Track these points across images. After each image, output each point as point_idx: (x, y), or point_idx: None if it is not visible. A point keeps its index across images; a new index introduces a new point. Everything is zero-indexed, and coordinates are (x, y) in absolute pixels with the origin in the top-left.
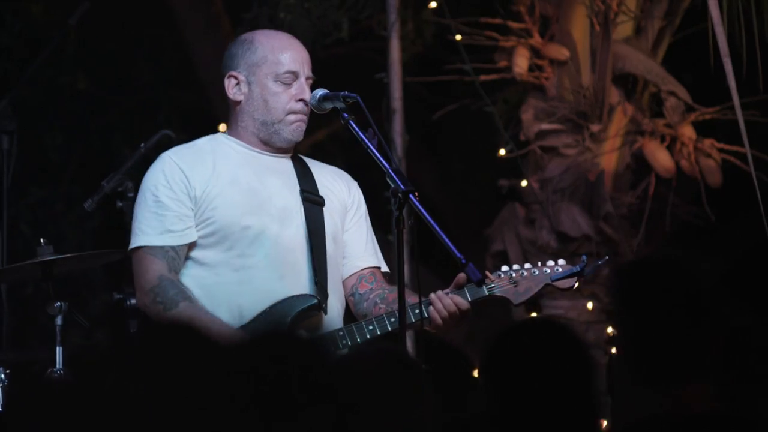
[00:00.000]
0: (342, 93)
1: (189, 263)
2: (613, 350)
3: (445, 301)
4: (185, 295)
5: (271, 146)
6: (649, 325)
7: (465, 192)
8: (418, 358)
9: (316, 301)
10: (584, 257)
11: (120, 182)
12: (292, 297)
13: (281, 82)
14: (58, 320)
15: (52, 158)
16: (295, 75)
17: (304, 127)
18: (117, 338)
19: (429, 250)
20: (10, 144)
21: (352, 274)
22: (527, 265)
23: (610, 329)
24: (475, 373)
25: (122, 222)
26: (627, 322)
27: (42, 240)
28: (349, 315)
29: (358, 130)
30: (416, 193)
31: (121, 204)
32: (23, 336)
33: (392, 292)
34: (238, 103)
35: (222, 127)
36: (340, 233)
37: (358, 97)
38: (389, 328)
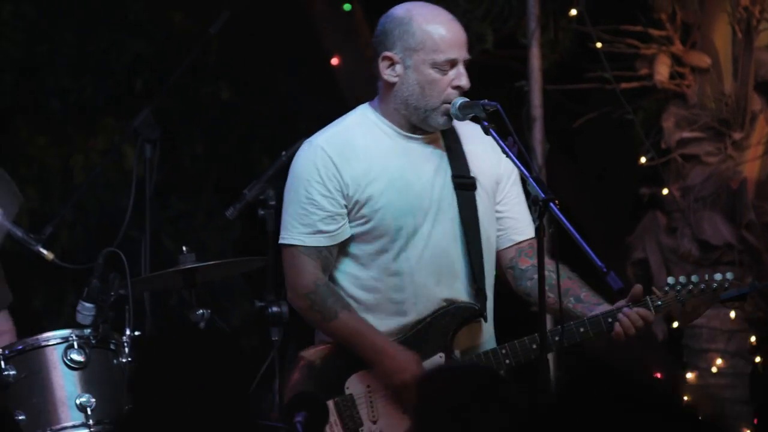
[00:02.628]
0: (482, 101)
1: (345, 260)
2: (757, 359)
3: (632, 316)
4: (343, 303)
5: (420, 130)
6: None
7: (604, 200)
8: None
9: (477, 309)
10: (756, 282)
11: (261, 190)
12: (454, 307)
13: (439, 69)
14: (201, 327)
15: (191, 168)
16: (453, 62)
17: None
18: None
19: (569, 259)
20: (153, 153)
21: (509, 247)
22: (694, 279)
23: (753, 338)
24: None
25: (264, 230)
26: None
27: (184, 248)
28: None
29: (498, 138)
30: (557, 201)
31: (262, 212)
32: None
33: (586, 291)
34: (392, 84)
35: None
36: (493, 210)
37: (499, 105)
38: (578, 339)
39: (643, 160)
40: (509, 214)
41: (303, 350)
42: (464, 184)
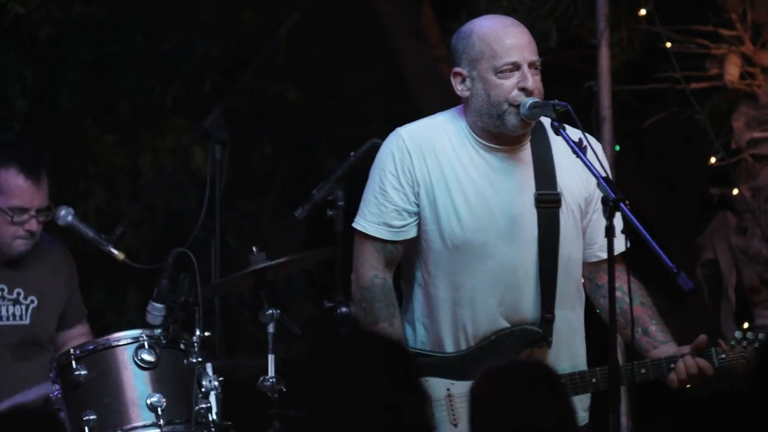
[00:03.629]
0: (552, 102)
1: (414, 262)
2: None
3: (690, 367)
4: (389, 312)
5: (503, 139)
6: None
7: (674, 200)
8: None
9: (541, 334)
10: None
11: (330, 191)
12: (520, 329)
13: (502, 74)
14: (270, 328)
15: (259, 169)
16: (515, 65)
17: None
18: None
19: (640, 259)
20: (223, 153)
21: (592, 262)
22: (761, 336)
23: None
24: None
25: (332, 231)
26: None
27: (254, 248)
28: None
29: (569, 138)
30: (627, 201)
31: (331, 213)
32: (232, 345)
33: (655, 325)
34: (467, 99)
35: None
36: (580, 227)
37: (569, 106)
38: (636, 380)
39: (713, 160)
40: (595, 232)
41: None
42: (548, 200)
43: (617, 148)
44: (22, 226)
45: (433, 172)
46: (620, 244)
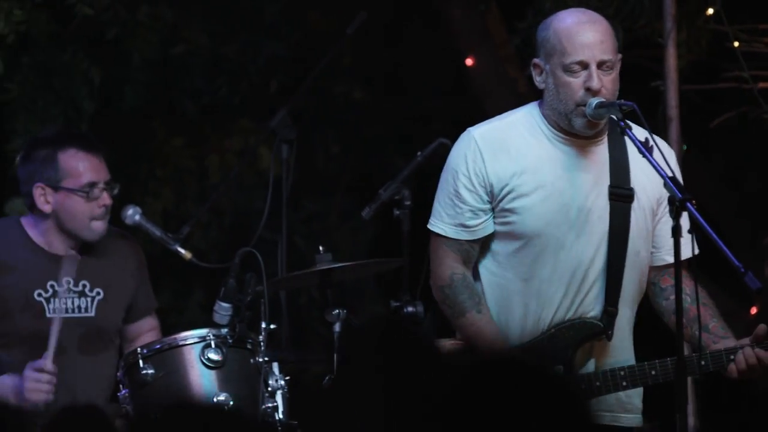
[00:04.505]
0: (618, 101)
1: (487, 254)
2: None
3: (749, 357)
4: (474, 301)
5: (577, 134)
6: None
7: (741, 199)
8: None
9: (601, 327)
10: None
11: (397, 191)
12: (580, 321)
13: (570, 71)
14: (336, 327)
15: (325, 169)
16: (582, 64)
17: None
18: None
19: (707, 259)
20: (289, 153)
21: (659, 266)
22: None
23: None
24: None
25: (399, 231)
26: None
27: (321, 248)
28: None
29: (635, 138)
30: (694, 201)
31: (398, 212)
32: (301, 343)
33: (715, 322)
34: (542, 91)
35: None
36: (650, 227)
37: (635, 105)
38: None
39: None
40: (662, 236)
41: (441, 340)
42: (620, 195)
43: (684, 147)
44: (98, 201)
45: (506, 170)
46: (687, 250)
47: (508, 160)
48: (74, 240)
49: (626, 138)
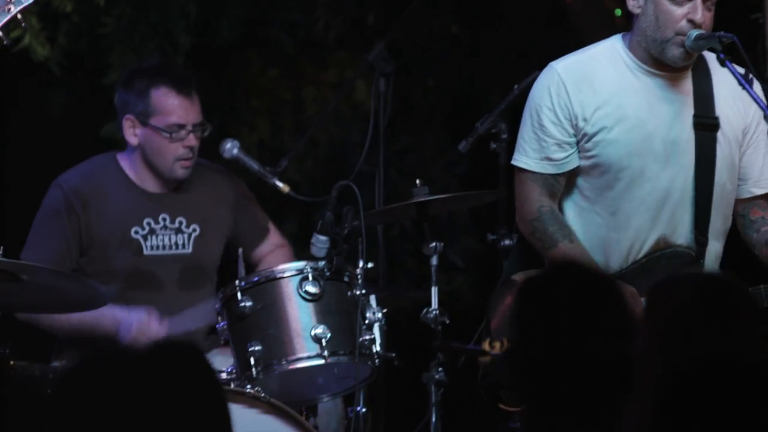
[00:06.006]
0: (718, 33)
1: (573, 190)
2: None
3: None
4: (565, 232)
5: (664, 65)
6: None
7: None
8: None
9: (694, 255)
10: None
11: (494, 124)
12: (671, 251)
13: (674, 1)
14: (434, 260)
15: (422, 102)
16: None
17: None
18: None
19: None
20: (387, 87)
21: (745, 198)
22: None
23: None
24: None
25: (496, 164)
26: None
27: (417, 181)
28: None
29: (735, 70)
30: None
31: (494, 146)
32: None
33: None
34: (636, 16)
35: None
36: (736, 158)
37: (735, 38)
38: None
39: None
40: (749, 168)
41: (516, 274)
42: (706, 125)
43: None
44: (182, 142)
45: (590, 103)
46: None
47: (591, 92)
48: (163, 178)
49: (711, 72)
